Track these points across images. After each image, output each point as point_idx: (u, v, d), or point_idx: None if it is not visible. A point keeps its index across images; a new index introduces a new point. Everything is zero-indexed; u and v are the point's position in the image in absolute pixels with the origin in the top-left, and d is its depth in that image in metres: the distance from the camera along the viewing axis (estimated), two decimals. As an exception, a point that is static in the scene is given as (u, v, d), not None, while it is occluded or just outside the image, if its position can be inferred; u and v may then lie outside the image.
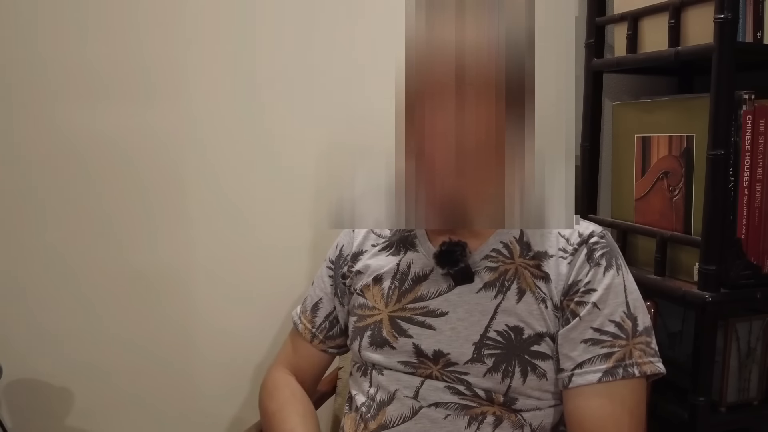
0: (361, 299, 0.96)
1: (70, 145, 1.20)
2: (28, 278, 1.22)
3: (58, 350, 1.24)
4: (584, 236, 0.89)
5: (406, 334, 0.90)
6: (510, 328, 0.86)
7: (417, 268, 0.93)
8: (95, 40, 1.19)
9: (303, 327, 1.04)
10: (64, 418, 1.26)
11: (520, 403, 0.86)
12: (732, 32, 1.06)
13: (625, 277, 0.88)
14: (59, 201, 1.21)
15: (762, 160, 1.11)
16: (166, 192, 1.26)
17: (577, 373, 0.84)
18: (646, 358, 0.85)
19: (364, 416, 0.92)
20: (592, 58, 1.37)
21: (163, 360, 1.29)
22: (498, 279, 0.88)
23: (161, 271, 1.27)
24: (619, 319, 0.85)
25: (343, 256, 1.02)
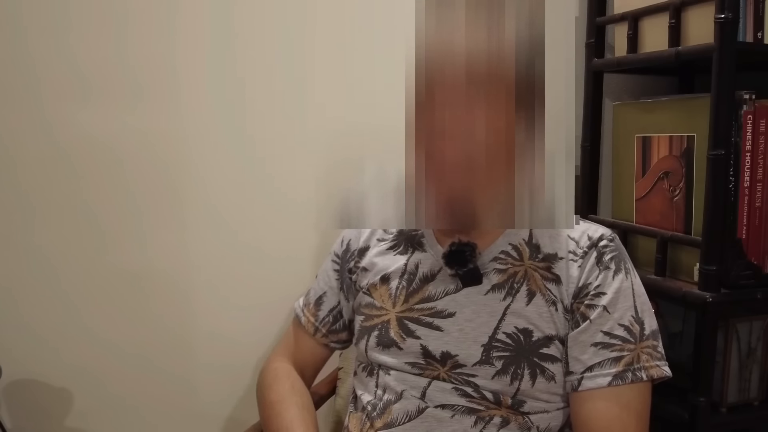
0: (368, 298, 0.96)
1: (66, 147, 1.20)
2: (27, 280, 1.21)
3: (58, 352, 1.24)
4: (594, 239, 0.89)
5: (413, 335, 0.90)
6: (519, 330, 0.86)
7: (425, 269, 0.93)
8: (88, 40, 1.18)
9: (306, 320, 1.04)
10: (64, 418, 1.26)
11: (528, 405, 0.86)
12: (732, 32, 1.05)
13: (633, 281, 0.88)
14: (58, 203, 1.21)
15: (762, 160, 1.10)
16: (163, 194, 1.26)
17: (587, 376, 0.84)
18: (653, 361, 0.85)
19: (370, 415, 0.92)
20: (593, 58, 1.36)
21: (162, 362, 1.29)
22: (507, 281, 0.88)
23: (159, 273, 1.27)
24: (627, 323, 0.85)
25: (350, 251, 1.01)
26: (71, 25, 1.18)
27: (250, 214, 1.30)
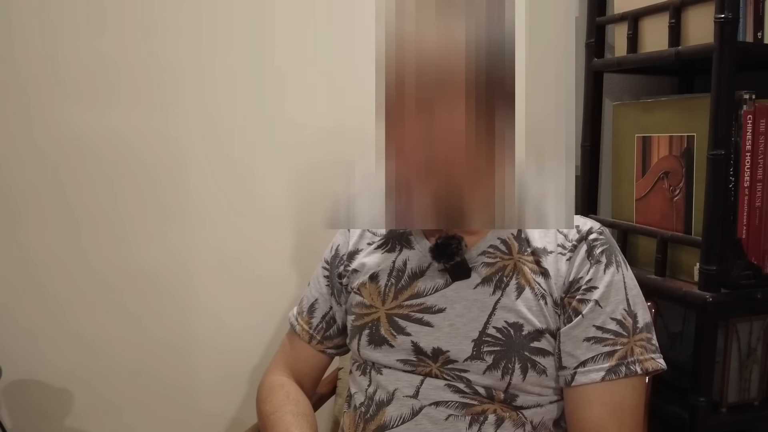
0: (358, 297, 0.96)
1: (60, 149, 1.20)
2: (27, 280, 1.22)
3: (58, 352, 1.24)
4: (583, 233, 0.89)
5: (404, 332, 0.90)
6: (509, 324, 0.86)
7: (413, 265, 0.93)
8: (80, 41, 1.18)
9: (300, 328, 1.04)
10: (64, 418, 1.26)
11: (520, 399, 0.86)
12: (732, 32, 1.05)
13: (625, 274, 0.88)
14: (61, 202, 1.21)
15: (762, 160, 1.10)
16: (160, 196, 1.26)
17: (580, 371, 0.84)
18: (647, 354, 0.85)
19: (362, 416, 0.92)
20: (592, 58, 1.36)
21: (162, 361, 1.29)
22: (495, 274, 0.88)
23: (159, 273, 1.27)
24: (620, 317, 0.85)
25: (339, 256, 1.02)
26: (59, 25, 1.17)
27: (247, 216, 1.30)
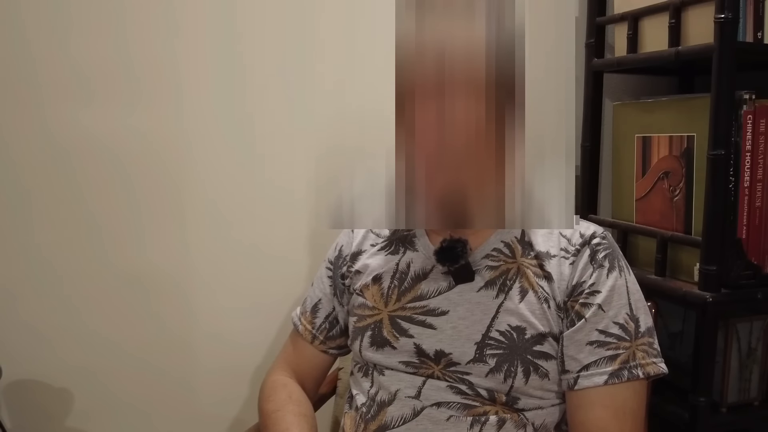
0: (361, 299, 0.96)
1: (66, 147, 1.20)
2: (28, 280, 1.21)
3: (58, 352, 1.24)
4: (586, 237, 0.89)
5: (406, 333, 0.90)
6: (512, 328, 0.86)
7: (416, 267, 0.93)
8: (88, 40, 1.18)
9: (303, 328, 1.04)
10: (64, 419, 1.26)
11: (522, 402, 0.86)
12: (732, 32, 1.05)
13: (628, 278, 0.88)
14: (58, 203, 1.21)
15: (762, 160, 1.10)
16: (164, 194, 1.26)
17: (583, 375, 0.84)
18: (649, 359, 0.85)
19: (364, 416, 0.92)
20: (592, 58, 1.36)
21: (162, 362, 1.29)
22: (499, 278, 0.88)
23: (159, 273, 1.27)
24: (622, 321, 0.85)
25: (342, 256, 1.02)
26: (71, 24, 1.18)
27: (251, 215, 1.30)
